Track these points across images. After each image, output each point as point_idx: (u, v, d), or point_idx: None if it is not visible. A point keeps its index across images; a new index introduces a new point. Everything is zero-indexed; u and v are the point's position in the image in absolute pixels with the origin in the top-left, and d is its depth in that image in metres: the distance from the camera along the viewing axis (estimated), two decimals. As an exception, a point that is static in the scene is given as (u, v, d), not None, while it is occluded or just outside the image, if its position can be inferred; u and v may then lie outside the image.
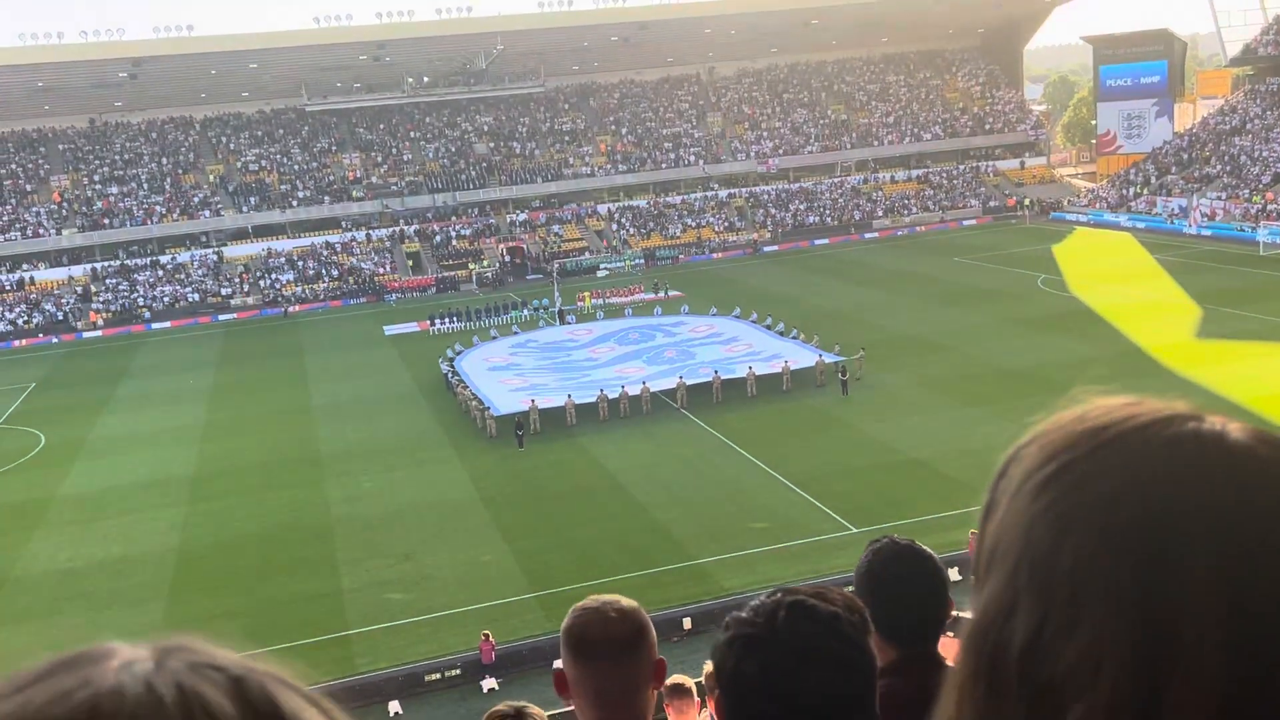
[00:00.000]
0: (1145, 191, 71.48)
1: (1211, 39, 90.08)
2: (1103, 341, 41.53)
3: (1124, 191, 73.18)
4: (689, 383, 39.14)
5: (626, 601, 2.42)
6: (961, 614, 1.21)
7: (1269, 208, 61.09)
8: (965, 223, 77.06)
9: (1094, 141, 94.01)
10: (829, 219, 77.82)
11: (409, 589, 25.92)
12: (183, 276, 69.70)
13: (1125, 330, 42.55)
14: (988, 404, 34.38)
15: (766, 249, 73.89)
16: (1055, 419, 0.80)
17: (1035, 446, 0.79)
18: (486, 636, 22.49)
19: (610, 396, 38.24)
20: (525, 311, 57.11)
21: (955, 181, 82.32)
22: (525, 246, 73.99)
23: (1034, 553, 0.74)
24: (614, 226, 76.59)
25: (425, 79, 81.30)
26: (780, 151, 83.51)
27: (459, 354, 47.09)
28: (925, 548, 2.65)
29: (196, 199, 74.71)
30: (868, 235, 75.67)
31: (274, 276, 69.91)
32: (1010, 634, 0.74)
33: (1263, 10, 78.71)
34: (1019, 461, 0.80)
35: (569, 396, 38.34)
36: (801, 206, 79.10)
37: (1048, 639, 0.72)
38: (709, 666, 2.30)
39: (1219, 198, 65.55)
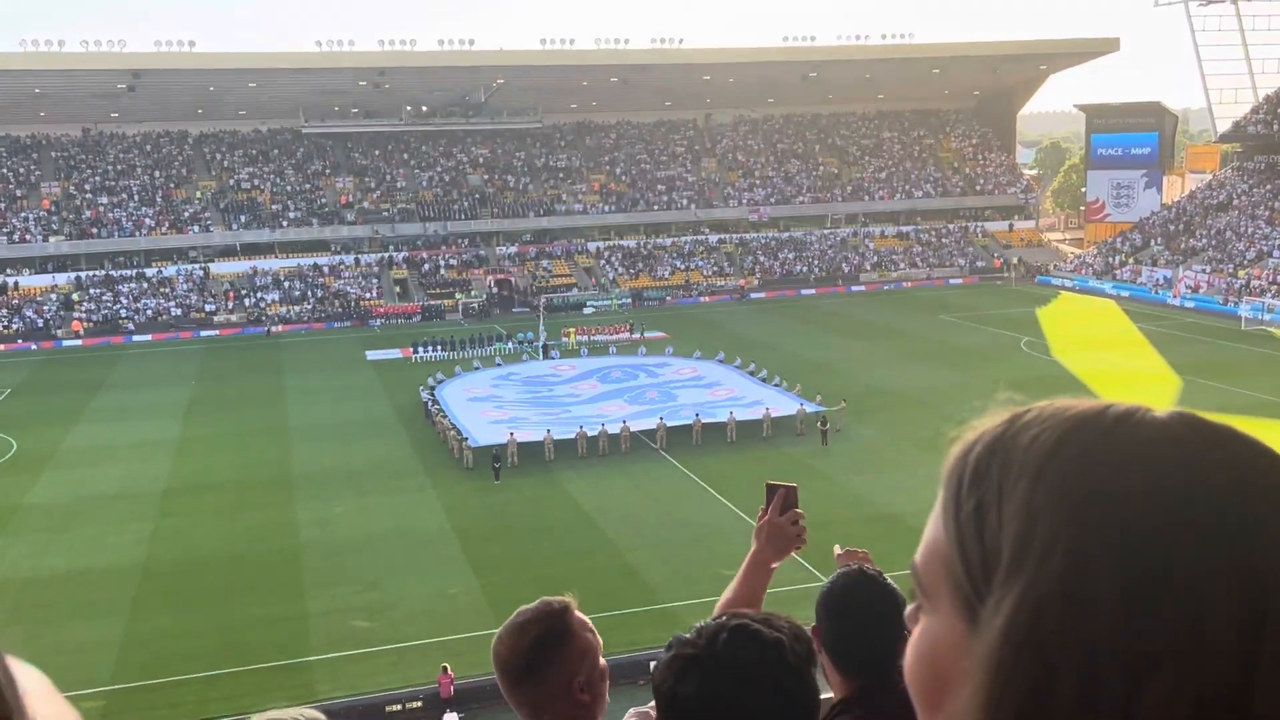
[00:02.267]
0: (1131, 261, 72.17)
1: (1202, 114, 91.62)
2: (1083, 406, 41.62)
3: (1110, 259, 73.89)
4: (670, 424, 39.07)
5: (539, 608, 2.34)
6: None
7: (1252, 283, 61.73)
8: (952, 281, 77.57)
9: (1083, 208, 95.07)
10: (817, 269, 78.22)
11: (374, 617, 25.60)
12: (167, 290, 69.39)
13: (1106, 397, 42.72)
14: (966, 462, 34.35)
15: (754, 295, 74.16)
16: (1027, 414, 0.88)
17: (978, 448, 0.88)
18: (445, 669, 22.18)
19: (590, 434, 38.11)
20: (509, 344, 57.02)
21: (944, 240, 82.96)
22: (513, 279, 74.05)
23: (1066, 543, 0.76)
24: (603, 264, 76.78)
25: (424, 108, 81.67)
26: (772, 200, 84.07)
27: (440, 383, 46.91)
28: (890, 581, 2.58)
29: (187, 214, 74.57)
30: (854, 288, 76.05)
31: (259, 295, 69.68)
32: (1063, 624, 0.74)
33: (1253, 89, 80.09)
34: (958, 458, 0.88)
35: (548, 431, 38.19)
36: (790, 255, 79.51)
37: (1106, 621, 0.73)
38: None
39: (1203, 271, 66.24)
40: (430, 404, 43.43)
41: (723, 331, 59.61)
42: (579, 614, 2.38)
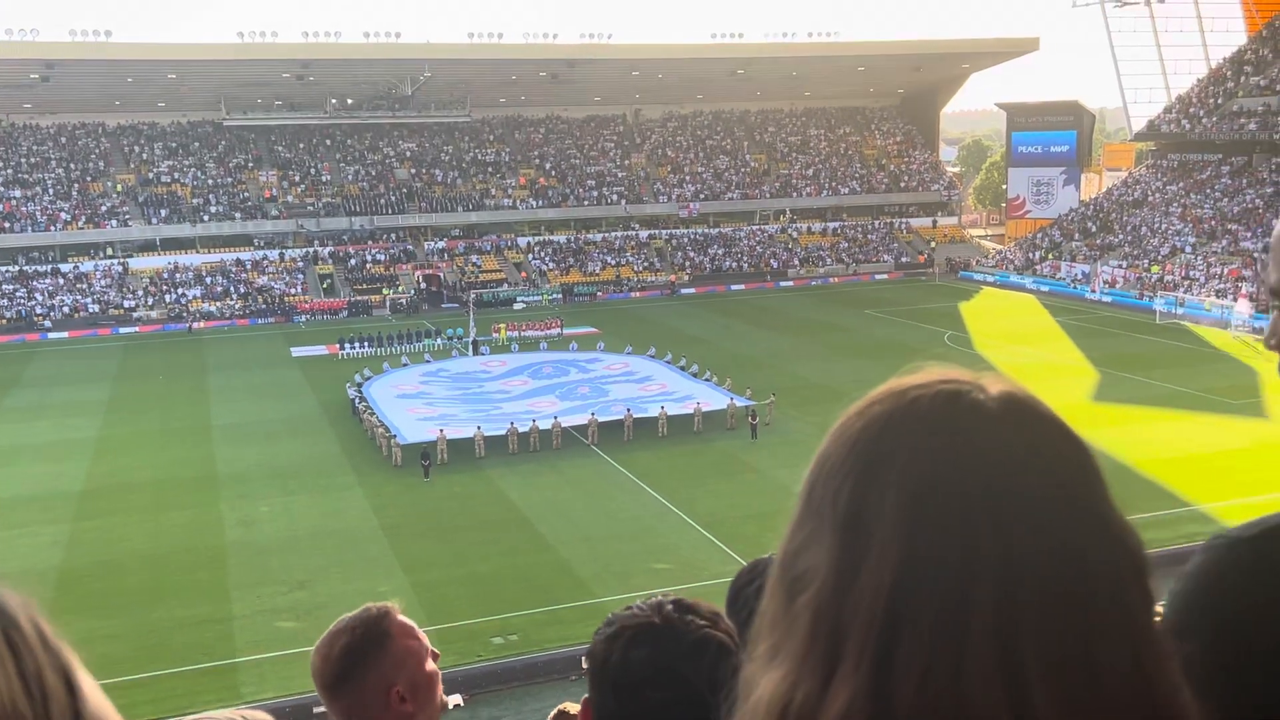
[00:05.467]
0: (1050, 256, 73.87)
1: (1119, 113, 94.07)
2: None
3: (1030, 255, 75.54)
4: (601, 420, 39.09)
5: (356, 615, 2.26)
6: None
7: (1166, 278, 63.59)
8: (877, 277, 78.68)
9: (1004, 205, 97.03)
10: (746, 265, 78.81)
11: (301, 618, 25.23)
12: (84, 286, 67.56)
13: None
14: (892, 455, 34.91)
15: (684, 291, 74.48)
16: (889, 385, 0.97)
17: (853, 406, 0.98)
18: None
19: (521, 430, 37.98)
20: (438, 340, 56.48)
21: (869, 236, 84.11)
22: (442, 275, 73.44)
23: (808, 481, 0.95)
24: (533, 260, 76.50)
25: (349, 101, 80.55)
26: (701, 196, 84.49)
27: (368, 380, 46.36)
28: None
29: (104, 208, 72.65)
30: (783, 283, 76.77)
31: (180, 291, 68.19)
32: (792, 544, 0.93)
33: (1166, 89, 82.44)
34: (841, 419, 0.98)
35: (478, 428, 37.97)
36: (720, 251, 80.00)
37: (803, 543, 0.92)
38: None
39: (1120, 266, 68.04)
40: (358, 401, 42.90)
41: (654, 327, 59.78)
42: (402, 619, 2.27)
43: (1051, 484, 0.87)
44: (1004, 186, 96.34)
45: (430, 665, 2.29)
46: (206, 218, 73.70)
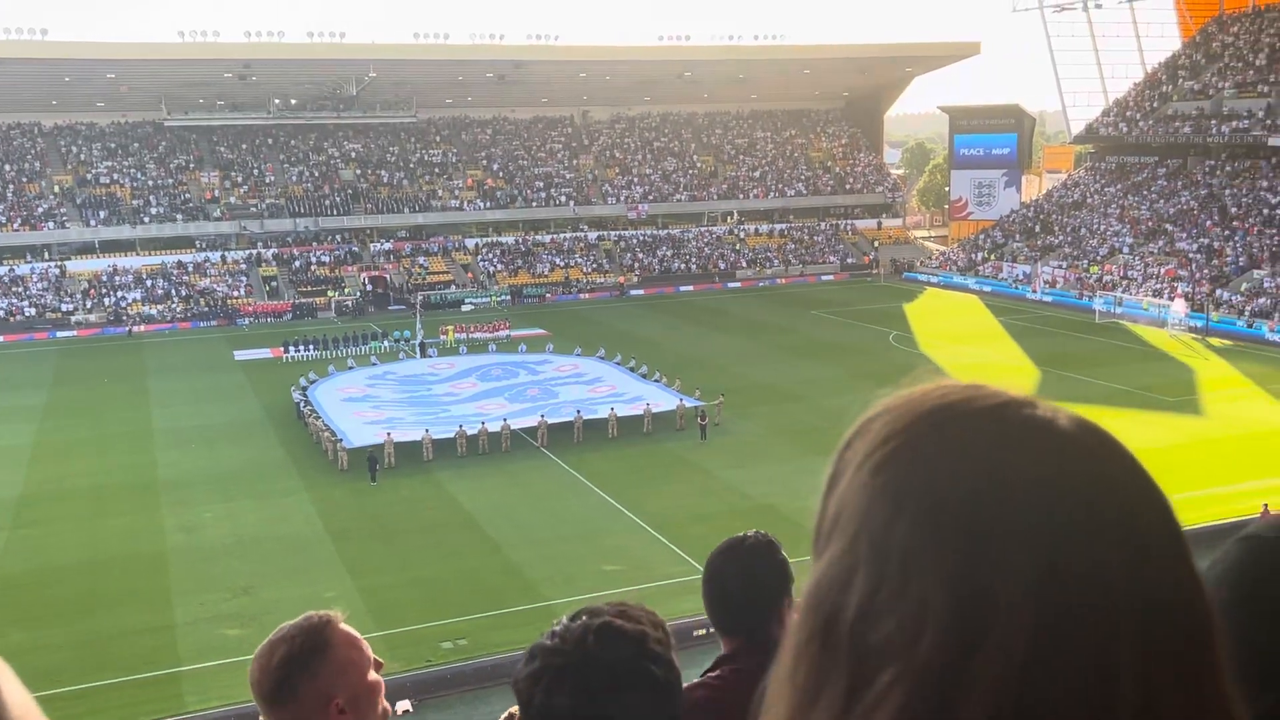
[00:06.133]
0: (992, 257, 74.95)
1: (1058, 116, 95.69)
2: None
3: (973, 256, 76.59)
4: (550, 421, 38.99)
5: (296, 624, 2.20)
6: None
7: (1105, 278, 64.79)
8: (824, 278, 79.34)
9: (947, 207, 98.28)
10: (694, 266, 79.08)
11: (246, 625, 24.86)
12: (20, 289, 66.05)
13: (949, 379, 44.35)
14: (840, 454, 35.21)
15: (633, 292, 74.54)
16: (898, 396, 0.85)
17: (879, 423, 0.83)
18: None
19: (469, 433, 37.77)
20: (385, 343, 56.00)
21: (816, 238, 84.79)
22: (388, 277, 72.82)
23: (872, 525, 0.78)
24: (481, 261, 76.13)
25: (293, 101, 79.59)
26: (650, 198, 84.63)
27: (313, 383, 45.82)
28: (772, 553, 2.72)
29: (40, 209, 71.08)
30: (731, 284, 77.13)
31: (120, 294, 66.92)
32: (847, 599, 0.78)
33: (1104, 92, 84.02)
34: (862, 436, 0.83)
35: (426, 431, 37.70)
36: (668, 253, 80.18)
37: (878, 606, 0.76)
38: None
39: (1060, 266, 69.22)
40: (302, 405, 42.40)
41: (603, 328, 59.75)
42: (345, 628, 2.22)
43: (1164, 515, 0.79)
44: (947, 188, 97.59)
45: (372, 676, 2.24)
46: (147, 219, 72.41)
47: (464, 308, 68.16)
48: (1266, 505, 25.48)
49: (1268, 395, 42.20)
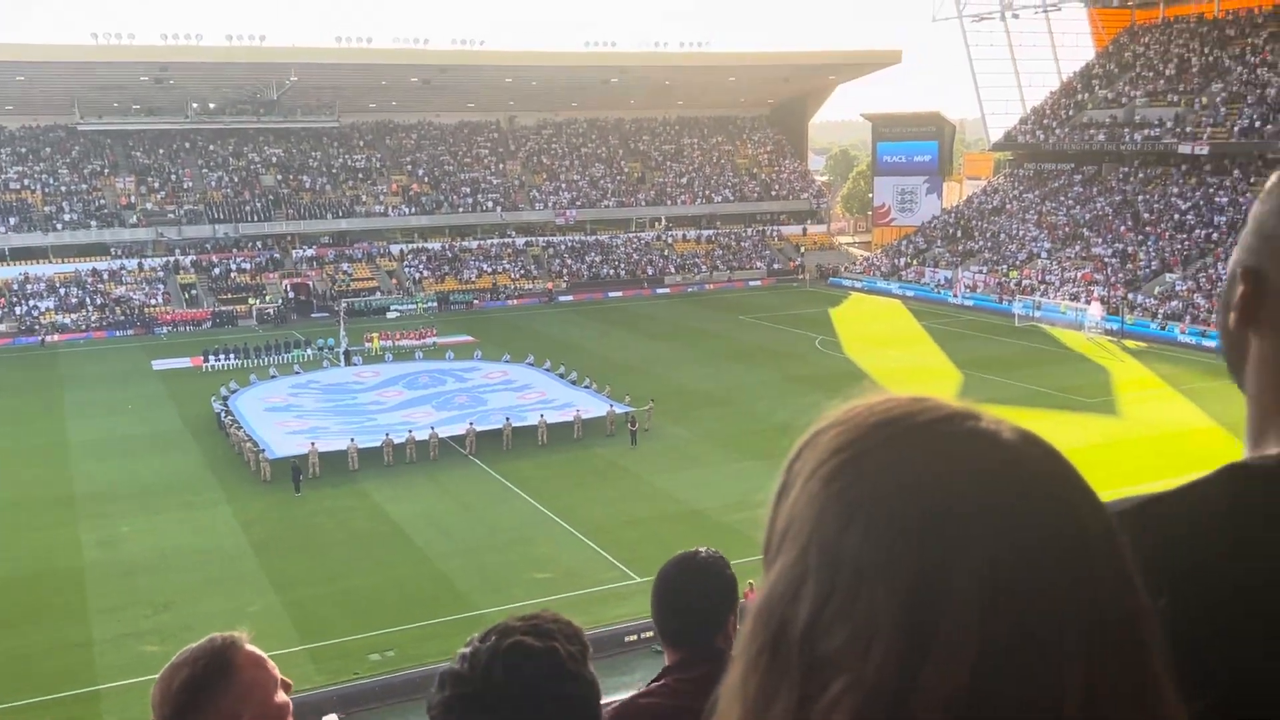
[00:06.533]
0: (915, 262, 76.23)
1: (978, 124, 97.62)
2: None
3: (896, 261, 77.83)
4: (479, 429, 38.71)
5: (199, 645, 2.13)
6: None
7: (1023, 283, 66.27)
8: (751, 283, 79.99)
9: (870, 213, 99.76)
10: (623, 272, 79.17)
11: (167, 641, 24.23)
12: (-76, 298, 63.76)
13: (894, 392, 45.01)
14: (766, 458, 35.48)
15: (562, 298, 74.38)
16: (846, 408, 0.85)
17: (828, 435, 0.83)
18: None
19: (396, 441, 37.33)
20: (308, 351, 55.11)
21: (743, 243, 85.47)
22: (311, 283, 71.73)
23: (823, 535, 0.78)
24: (406, 268, 75.35)
25: (211, 105, 78.03)
26: (578, 203, 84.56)
27: (234, 392, 44.93)
28: (719, 566, 2.78)
29: (-55, 215, 68.73)
30: (660, 290, 77.37)
31: (31, 303, 64.91)
32: (797, 610, 0.78)
33: (1022, 101, 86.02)
34: (813, 447, 0.84)
35: (352, 440, 37.17)
36: (597, 258, 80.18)
37: (829, 617, 0.76)
38: None
39: (980, 271, 70.64)
40: (224, 415, 41.54)
41: (531, 334, 59.54)
42: (250, 649, 2.15)
43: (1106, 526, 0.81)
44: (870, 195, 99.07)
45: (280, 697, 2.16)
46: (60, 226, 70.39)
47: (389, 315, 67.40)
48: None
49: (1180, 395, 43.49)
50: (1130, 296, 59.21)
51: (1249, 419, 1.20)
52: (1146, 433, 38.51)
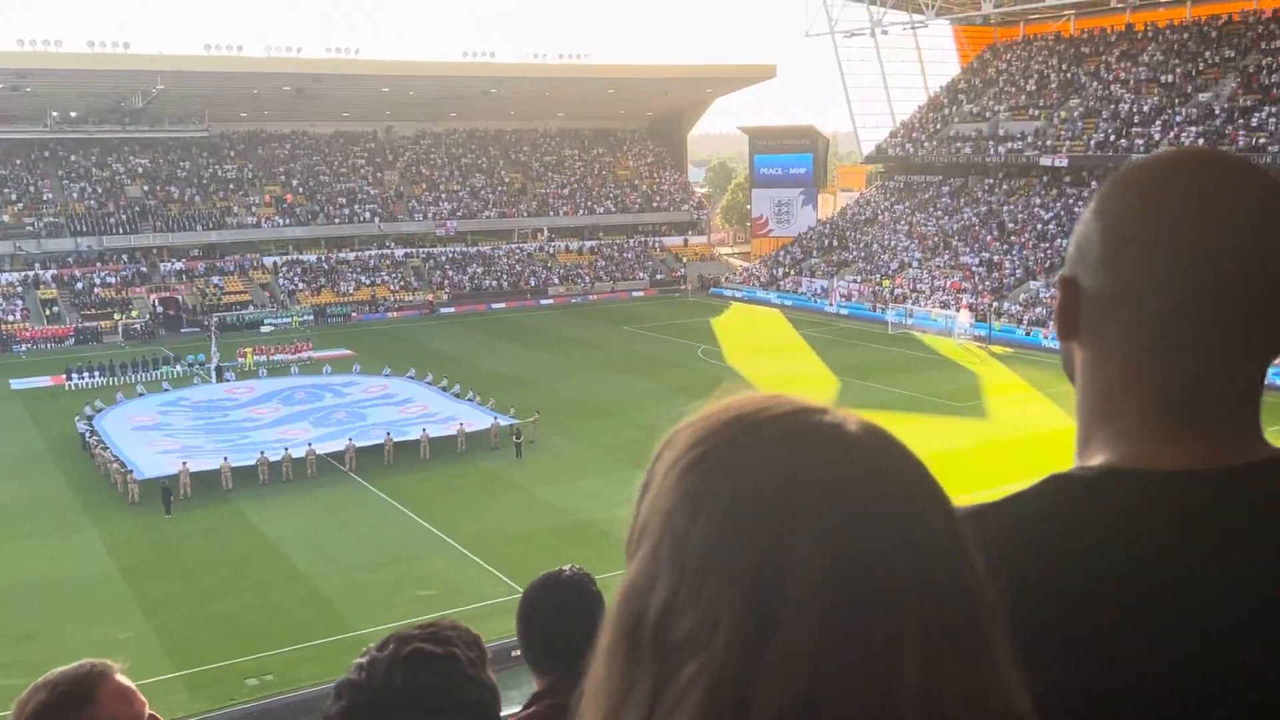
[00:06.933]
0: (793, 272, 77.74)
1: (850, 137, 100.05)
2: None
3: (774, 271, 79.22)
4: (359, 445, 37.96)
5: (62, 672, 2.04)
6: None
7: (895, 291, 68.18)
8: (635, 294, 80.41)
9: (749, 224, 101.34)
10: (506, 283, 78.72)
11: (30, 673, 22.59)
12: None
13: (755, 390, 45.77)
14: (653, 467, 35.68)
15: (443, 310, 73.53)
16: (705, 408, 0.88)
17: (686, 432, 0.86)
18: None
19: (272, 459, 36.33)
20: (178, 368, 53.31)
21: (626, 254, 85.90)
22: (180, 297, 69.37)
23: (674, 529, 0.81)
24: (281, 280, 73.48)
25: (73, 114, 74.89)
26: (458, 214, 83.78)
27: (99, 412, 43.13)
28: (586, 584, 2.67)
29: None
30: (544, 301, 77.16)
31: (-126, 320, 61.21)
32: (650, 601, 0.80)
33: (891, 115, 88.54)
34: (671, 445, 0.87)
35: (225, 459, 36.04)
36: (479, 270, 79.53)
37: (678, 605, 0.79)
38: None
39: (855, 281, 72.42)
40: (88, 435, 39.83)
41: (413, 347, 58.67)
42: (119, 681, 2.03)
43: (944, 510, 0.84)
44: (748, 206, 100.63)
45: None
46: (-96, 239, 66.59)
47: (263, 329, 65.64)
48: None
49: (1045, 398, 45.25)
50: (997, 304, 61.44)
51: (1077, 428, 1.22)
52: (1014, 435, 39.97)
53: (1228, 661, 1.02)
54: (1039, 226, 68.02)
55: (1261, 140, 58.96)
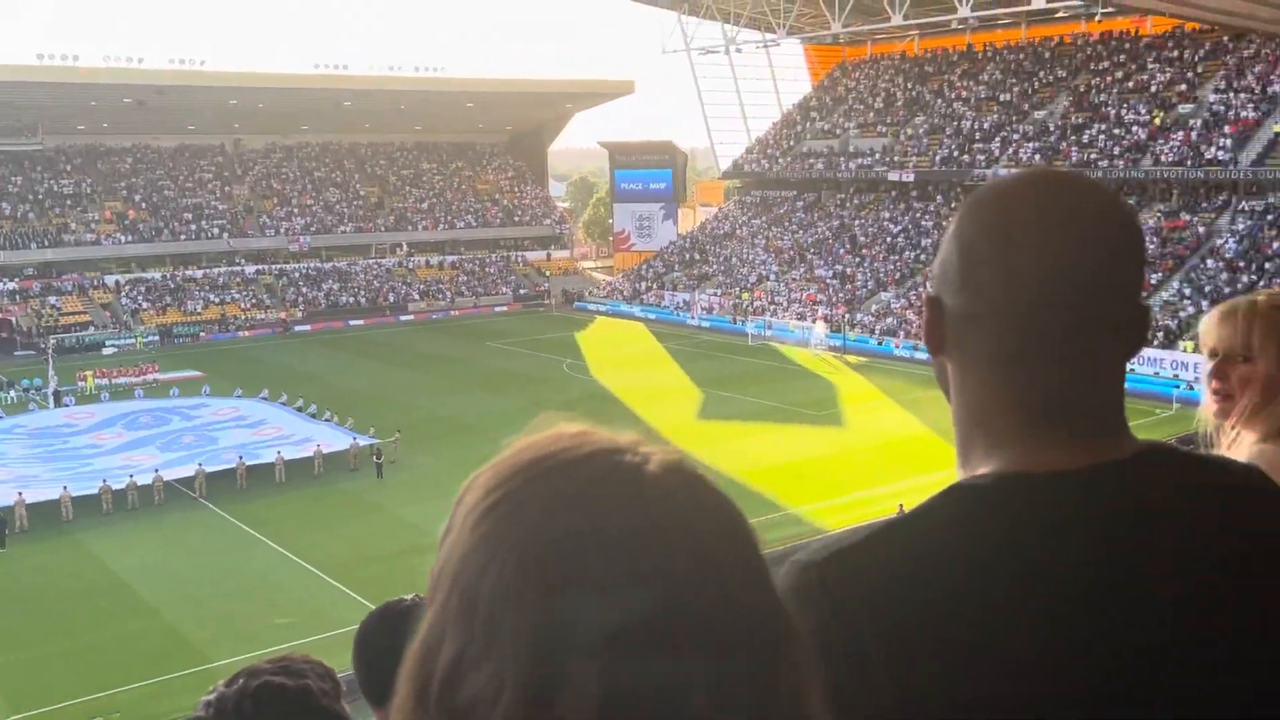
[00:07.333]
0: (655, 286, 78.45)
1: (708, 153, 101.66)
2: (621, 422, 40.83)
3: (637, 285, 79.80)
4: (209, 470, 36.54)
5: None
6: None
7: (754, 304, 69.48)
8: (498, 309, 79.80)
9: (611, 238, 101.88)
10: (363, 300, 77.10)
11: None
12: None
13: (640, 412, 45.98)
14: (518, 483, 35.39)
15: (298, 328, 71.51)
16: (508, 448, 0.85)
17: (485, 476, 0.83)
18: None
19: (116, 487, 34.65)
20: (12, 393, 50.51)
21: (488, 269, 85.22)
22: (14, 319, 65.67)
23: (466, 580, 0.77)
24: (124, 300, 70.31)
25: (-112, 124, 70.26)
26: (312, 229, 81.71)
27: (-76, 442, 40.44)
28: (424, 602, 2.49)
29: None
30: (404, 317, 75.84)
31: None
32: (438, 659, 0.76)
33: (747, 131, 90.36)
34: (472, 490, 0.83)
35: (64, 488, 34.20)
36: (335, 286, 77.68)
37: (467, 664, 0.74)
38: None
39: (715, 294, 73.52)
40: (-89, 467, 37.28)
41: (266, 367, 56.87)
42: None
43: (745, 555, 0.79)
44: (610, 221, 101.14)
45: None
46: None
47: (105, 350, 62.66)
48: (902, 505, 28.17)
49: (898, 406, 46.72)
50: (850, 315, 63.23)
51: (956, 438, 1.25)
52: (870, 441, 41.13)
53: (1141, 646, 1.05)
54: (888, 239, 70.32)
55: (1093, 156, 62.34)
